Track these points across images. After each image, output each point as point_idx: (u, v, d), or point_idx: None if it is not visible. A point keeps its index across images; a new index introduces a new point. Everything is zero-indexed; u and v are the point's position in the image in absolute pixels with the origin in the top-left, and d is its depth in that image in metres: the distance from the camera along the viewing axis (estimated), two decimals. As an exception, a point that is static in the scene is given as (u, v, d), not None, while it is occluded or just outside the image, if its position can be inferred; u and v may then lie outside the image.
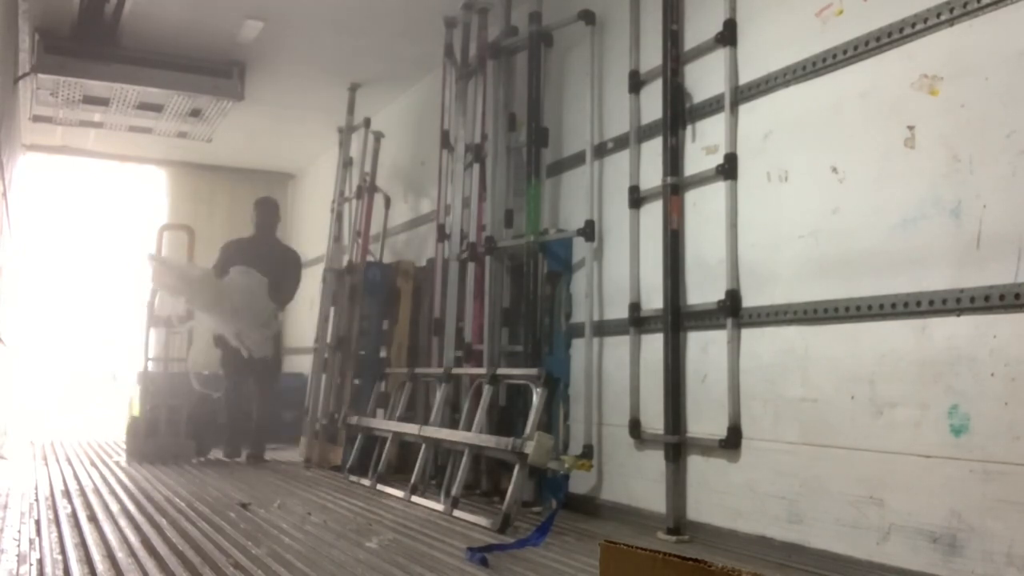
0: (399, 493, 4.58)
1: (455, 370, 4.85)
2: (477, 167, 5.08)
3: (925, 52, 2.75)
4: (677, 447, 3.63)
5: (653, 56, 3.95)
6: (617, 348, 4.10)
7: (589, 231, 4.26)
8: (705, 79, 3.70)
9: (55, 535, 3.38)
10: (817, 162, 3.13)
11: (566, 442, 4.37)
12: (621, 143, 4.17)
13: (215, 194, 9.35)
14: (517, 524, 3.70)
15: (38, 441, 7.28)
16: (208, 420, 6.39)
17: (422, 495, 4.44)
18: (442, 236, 5.41)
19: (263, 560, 2.97)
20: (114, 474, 5.32)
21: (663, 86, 3.82)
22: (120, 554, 3.04)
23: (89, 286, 10.29)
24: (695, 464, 3.59)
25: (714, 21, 3.62)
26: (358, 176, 6.80)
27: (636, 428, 3.90)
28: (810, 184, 3.16)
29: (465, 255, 5.12)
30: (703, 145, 3.69)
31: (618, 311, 4.07)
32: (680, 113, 3.78)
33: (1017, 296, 2.43)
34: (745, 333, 3.39)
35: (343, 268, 6.43)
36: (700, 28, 3.72)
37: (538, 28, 4.68)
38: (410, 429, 4.80)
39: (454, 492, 4.13)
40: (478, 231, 5.00)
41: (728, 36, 3.54)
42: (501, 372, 4.38)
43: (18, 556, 2.99)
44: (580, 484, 4.21)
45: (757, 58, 3.44)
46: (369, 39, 5.90)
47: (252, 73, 6.45)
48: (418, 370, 5.22)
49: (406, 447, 5.09)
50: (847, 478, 2.90)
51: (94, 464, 5.86)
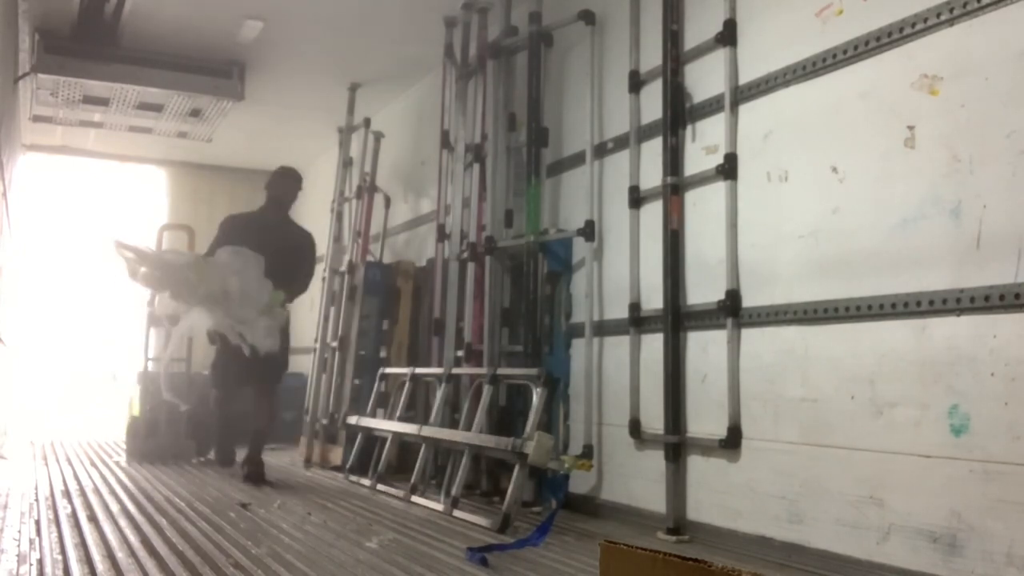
0: (399, 493, 4.58)
1: (455, 370, 4.85)
2: (477, 167, 5.08)
3: (925, 52, 2.75)
4: (677, 447, 3.63)
5: (653, 56, 3.95)
6: (617, 348, 4.10)
7: (589, 231, 4.27)
8: (705, 79, 3.70)
9: (55, 535, 3.38)
10: (817, 162, 3.13)
11: (566, 442, 4.37)
12: (621, 143, 4.17)
13: (215, 194, 9.34)
14: (517, 524, 3.70)
15: (38, 441, 7.28)
16: (208, 420, 6.37)
17: (422, 495, 4.45)
18: (442, 236, 5.42)
19: (263, 560, 2.97)
20: (114, 474, 5.32)
21: (663, 86, 3.82)
22: (120, 554, 3.04)
23: (89, 286, 10.28)
24: (695, 464, 3.59)
25: (714, 21, 3.62)
26: (358, 176, 6.80)
27: (636, 428, 3.90)
28: (810, 184, 3.16)
29: (465, 255, 5.11)
30: (703, 145, 3.69)
31: (618, 311, 4.07)
32: (680, 113, 3.78)
33: (1017, 296, 2.43)
34: (745, 333, 3.39)
35: (343, 268, 6.43)
36: (700, 28, 3.72)
37: (538, 28, 4.68)
38: (410, 429, 4.79)
39: (454, 492, 4.13)
40: (478, 231, 5.00)
41: (728, 36, 3.54)
42: (501, 372, 4.38)
43: (18, 556, 2.99)
44: (580, 484, 4.21)
45: (757, 58, 3.44)
46: (369, 39, 5.90)
47: (252, 73, 6.45)
48: (418, 370, 5.21)
49: (406, 447, 5.09)
50: (847, 478, 2.90)
51: (94, 464, 5.86)
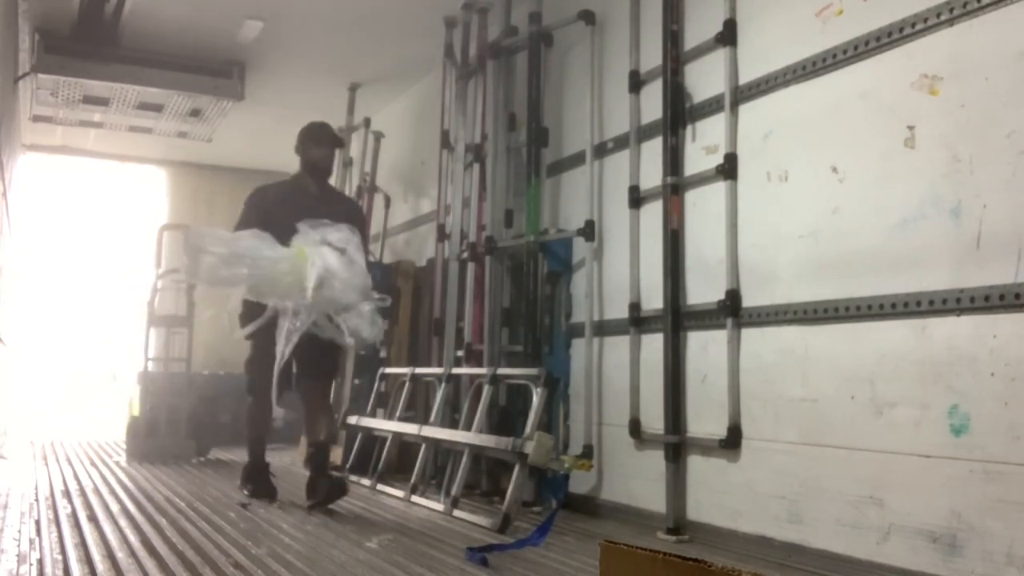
0: (399, 493, 4.57)
1: (455, 370, 4.85)
2: (477, 167, 5.08)
3: (925, 52, 2.75)
4: (677, 447, 3.63)
5: (653, 56, 3.95)
6: (617, 348, 4.10)
7: (589, 231, 4.26)
8: (705, 79, 3.70)
9: (55, 535, 3.38)
10: (817, 162, 3.13)
11: (566, 442, 4.37)
12: (621, 143, 4.17)
13: (215, 194, 9.32)
14: (517, 524, 3.70)
15: (38, 441, 7.29)
16: (208, 420, 6.39)
17: (422, 495, 4.44)
18: (442, 236, 5.41)
19: (263, 560, 2.97)
20: (114, 474, 5.32)
21: (663, 86, 3.82)
22: (120, 554, 3.04)
23: (89, 286, 10.28)
24: (695, 464, 3.59)
25: (714, 21, 3.62)
26: (358, 176, 6.80)
27: (636, 428, 3.90)
28: (810, 184, 3.16)
29: (465, 255, 5.11)
30: (703, 145, 3.68)
31: (618, 311, 4.07)
32: (680, 113, 3.78)
33: (1017, 296, 2.43)
34: (745, 333, 3.39)
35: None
36: (700, 28, 3.72)
37: (538, 28, 4.68)
38: (410, 429, 4.79)
39: (454, 492, 4.13)
40: (478, 231, 5.00)
41: (728, 36, 3.54)
42: (501, 372, 4.38)
43: (18, 556, 2.99)
44: (580, 484, 4.21)
45: (757, 58, 3.44)
46: (369, 39, 5.89)
47: (252, 73, 6.45)
48: (418, 370, 5.21)
49: (406, 447, 5.09)
50: (847, 478, 2.90)
51: (94, 464, 5.86)
